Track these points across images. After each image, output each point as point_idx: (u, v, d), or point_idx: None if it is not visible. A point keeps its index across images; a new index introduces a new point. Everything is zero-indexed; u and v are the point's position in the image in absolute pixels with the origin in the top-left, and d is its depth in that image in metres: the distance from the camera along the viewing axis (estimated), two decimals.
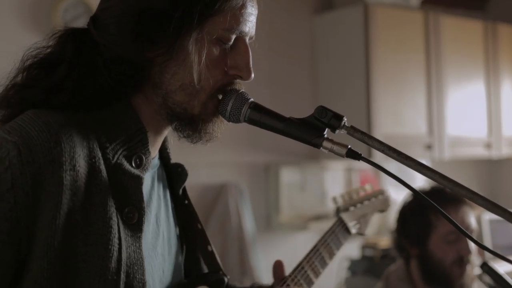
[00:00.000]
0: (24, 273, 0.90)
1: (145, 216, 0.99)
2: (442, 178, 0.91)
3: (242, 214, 3.20)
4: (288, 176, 3.45)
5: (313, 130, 1.00)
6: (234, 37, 1.02)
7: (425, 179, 3.43)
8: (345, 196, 1.51)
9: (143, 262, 0.98)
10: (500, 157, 4.00)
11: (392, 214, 3.67)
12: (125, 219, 0.96)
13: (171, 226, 1.14)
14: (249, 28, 1.03)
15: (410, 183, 0.96)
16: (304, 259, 1.31)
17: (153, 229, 1.07)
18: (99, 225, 0.93)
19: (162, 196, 1.12)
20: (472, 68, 3.78)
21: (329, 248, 1.37)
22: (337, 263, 3.46)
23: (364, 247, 3.46)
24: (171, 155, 1.18)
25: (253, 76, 1.04)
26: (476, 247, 2.05)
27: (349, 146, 0.98)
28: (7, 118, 0.98)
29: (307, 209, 3.47)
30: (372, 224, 3.61)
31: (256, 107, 1.03)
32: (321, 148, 0.99)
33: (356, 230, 1.49)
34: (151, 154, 1.04)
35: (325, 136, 1.00)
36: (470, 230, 2.08)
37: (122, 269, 0.94)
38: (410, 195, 2.20)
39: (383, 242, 3.45)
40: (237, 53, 1.03)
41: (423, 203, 2.10)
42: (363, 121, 3.29)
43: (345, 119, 0.99)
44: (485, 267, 1.87)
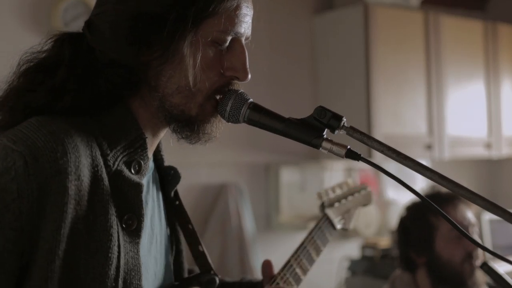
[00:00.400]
0: (25, 281, 0.90)
1: (143, 223, 0.99)
2: (441, 178, 0.91)
3: (242, 214, 3.20)
4: (288, 176, 3.46)
5: (313, 130, 1.00)
6: (230, 38, 1.01)
7: (425, 180, 3.43)
8: (329, 192, 1.51)
9: (140, 268, 0.98)
10: (500, 157, 4.00)
11: (392, 214, 3.68)
12: (124, 225, 0.96)
13: (163, 228, 1.14)
14: (245, 29, 1.03)
15: (410, 183, 0.96)
16: (292, 257, 1.32)
17: (148, 232, 1.07)
18: (100, 233, 0.93)
19: (155, 199, 1.12)
20: (472, 68, 3.78)
21: (316, 245, 1.38)
22: (337, 263, 3.46)
23: (364, 247, 3.46)
24: (164, 157, 1.17)
25: (249, 77, 1.04)
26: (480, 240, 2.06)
27: (349, 147, 0.98)
28: (9, 124, 0.97)
29: (307, 209, 3.47)
30: (372, 224, 3.62)
31: (256, 107, 1.03)
32: (321, 149, 0.99)
33: (341, 226, 1.50)
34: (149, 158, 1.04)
35: (325, 136, 1.00)
36: (472, 227, 2.09)
37: (120, 276, 0.94)
38: (405, 209, 2.19)
39: (383, 242, 3.45)
40: (233, 55, 1.02)
41: (420, 210, 2.10)
42: (363, 121, 3.29)
43: (344, 120, 0.99)
44: (485, 267, 1.87)
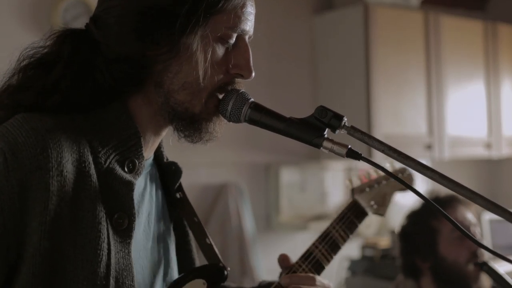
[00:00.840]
0: (14, 276, 0.90)
1: (135, 222, 0.98)
2: (442, 178, 0.91)
3: (242, 214, 3.20)
4: (288, 176, 3.45)
5: (313, 130, 1.00)
6: (235, 35, 1.02)
7: (425, 179, 3.43)
8: (361, 177, 1.44)
9: (132, 268, 0.97)
10: (500, 157, 4.00)
11: (392, 215, 3.68)
12: (114, 224, 0.96)
13: (163, 225, 1.13)
14: (249, 27, 1.04)
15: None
16: (313, 245, 1.29)
17: (144, 230, 1.07)
18: (87, 230, 0.92)
19: (154, 196, 1.11)
20: (472, 68, 3.78)
21: (341, 232, 1.33)
22: (337, 263, 3.46)
23: (364, 247, 3.46)
24: (165, 153, 1.17)
25: (253, 74, 1.04)
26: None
27: (349, 146, 0.98)
28: (3, 121, 0.97)
29: (307, 209, 3.47)
30: (372, 224, 3.62)
31: (257, 107, 1.03)
32: (322, 148, 0.99)
33: (373, 211, 1.42)
34: (147, 155, 1.04)
35: (325, 136, 1.00)
36: (473, 227, 2.09)
37: (111, 274, 0.93)
38: (405, 218, 2.18)
39: (383, 242, 3.45)
40: (238, 52, 1.03)
41: (420, 216, 2.11)
42: (363, 121, 3.29)
43: (345, 119, 0.99)
44: (485, 267, 1.87)
